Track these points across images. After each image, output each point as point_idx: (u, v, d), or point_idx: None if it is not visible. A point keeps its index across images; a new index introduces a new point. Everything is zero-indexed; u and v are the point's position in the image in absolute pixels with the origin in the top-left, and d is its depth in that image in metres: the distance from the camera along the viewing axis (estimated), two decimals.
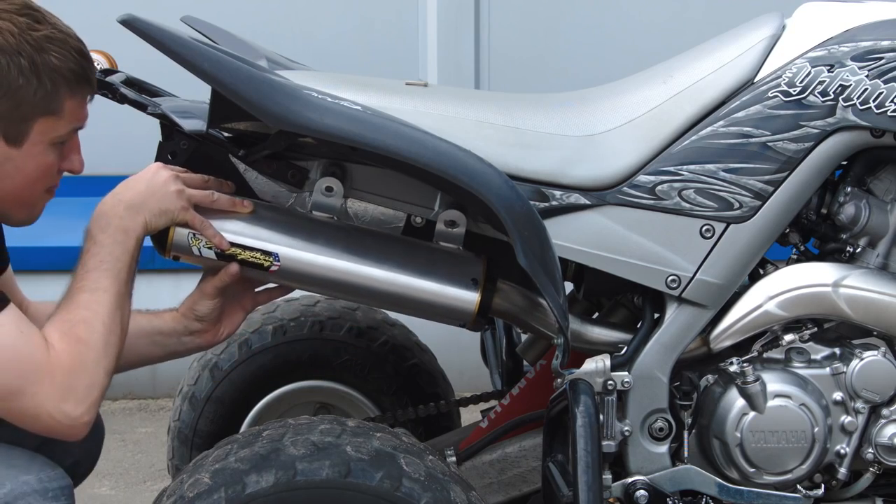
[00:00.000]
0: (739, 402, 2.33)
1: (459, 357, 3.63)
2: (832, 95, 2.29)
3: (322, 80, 2.30)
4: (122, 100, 2.35)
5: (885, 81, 2.28)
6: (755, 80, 2.32)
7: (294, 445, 2.13)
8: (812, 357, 2.37)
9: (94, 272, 2.16)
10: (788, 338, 2.36)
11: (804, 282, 2.34)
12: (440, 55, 5.09)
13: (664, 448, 2.35)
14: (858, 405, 2.35)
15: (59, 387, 2.07)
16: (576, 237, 2.30)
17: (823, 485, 2.38)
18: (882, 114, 2.28)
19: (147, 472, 4.18)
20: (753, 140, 2.30)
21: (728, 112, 2.31)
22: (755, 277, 2.38)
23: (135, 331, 2.33)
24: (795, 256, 2.42)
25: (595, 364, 2.31)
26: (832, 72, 2.29)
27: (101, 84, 2.33)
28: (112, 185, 2.24)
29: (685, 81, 2.34)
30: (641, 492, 2.32)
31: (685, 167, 2.30)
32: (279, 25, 5.03)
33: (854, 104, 2.28)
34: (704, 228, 2.31)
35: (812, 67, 2.29)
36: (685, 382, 2.38)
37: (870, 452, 2.35)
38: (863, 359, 2.34)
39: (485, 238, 2.37)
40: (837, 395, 2.35)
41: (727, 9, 4.77)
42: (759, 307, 2.34)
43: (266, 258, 2.28)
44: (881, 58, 2.28)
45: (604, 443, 2.28)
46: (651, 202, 2.30)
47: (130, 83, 2.44)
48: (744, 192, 2.30)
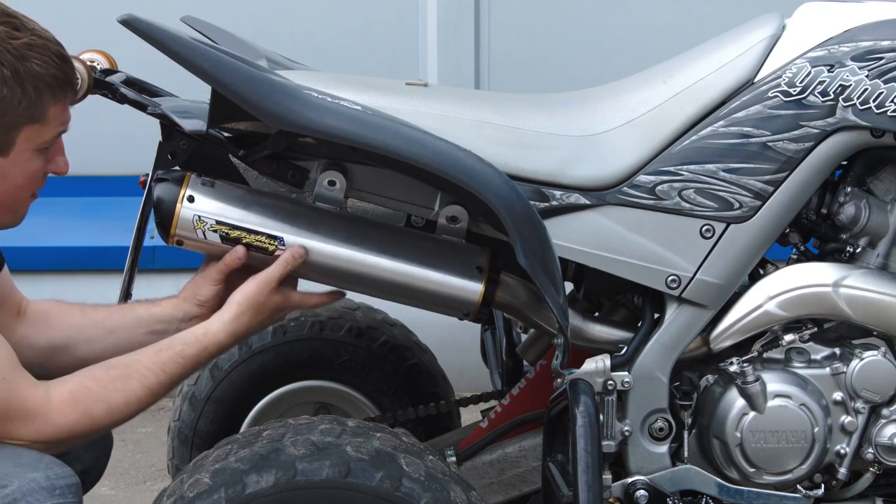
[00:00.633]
0: (739, 402, 2.33)
1: (459, 357, 3.62)
2: (832, 95, 2.29)
3: (322, 80, 2.30)
4: (122, 100, 2.36)
5: (885, 81, 2.28)
6: (755, 80, 2.32)
7: (294, 445, 2.13)
8: (812, 357, 2.37)
9: (177, 355, 2.21)
10: (788, 338, 2.36)
11: (804, 282, 2.34)
12: (440, 55, 5.08)
13: (664, 448, 2.35)
14: (858, 405, 2.35)
15: (42, 435, 2.11)
16: (576, 237, 2.30)
17: (823, 485, 2.38)
18: (882, 114, 2.28)
19: (147, 472, 4.18)
20: (753, 140, 2.30)
21: (728, 112, 2.31)
22: (755, 277, 2.38)
23: (133, 322, 2.34)
24: (795, 256, 2.42)
25: (595, 364, 2.31)
26: (832, 72, 2.29)
27: (101, 84, 2.33)
28: (112, 185, 2.24)
29: (685, 81, 2.34)
30: (641, 492, 2.32)
31: (685, 167, 2.30)
32: (279, 25, 5.02)
33: (854, 104, 2.28)
34: (704, 228, 2.31)
35: (812, 67, 2.29)
36: (685, 382, 2.37)
37: (870, 452, 2.35)
38: (863, 359, 2.34)
39: (485, 238, 2.37)
40: (837, 395, 2.35)
41: (727, 9, 4.76)
42: (760, 307, 2.34)
43: (271, 242, 2.28)
44: (881, 58, 2.28)
45: (604, 443, 2.28)
46: (651, 202, 2.30)
47: (130, 83, 2.44)
48: (744, 192, 2.30)
